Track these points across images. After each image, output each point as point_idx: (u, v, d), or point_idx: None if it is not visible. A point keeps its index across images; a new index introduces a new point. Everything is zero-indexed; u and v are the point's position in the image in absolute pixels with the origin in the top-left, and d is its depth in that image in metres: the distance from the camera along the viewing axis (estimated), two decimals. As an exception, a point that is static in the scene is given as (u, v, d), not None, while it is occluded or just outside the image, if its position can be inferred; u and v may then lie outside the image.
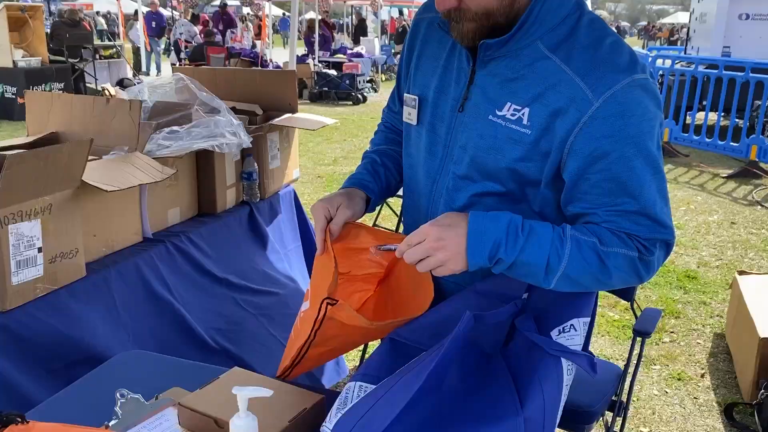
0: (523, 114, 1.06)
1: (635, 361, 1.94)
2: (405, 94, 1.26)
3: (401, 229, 1.51)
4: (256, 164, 2.62)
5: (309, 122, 2.82)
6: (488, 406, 0.97)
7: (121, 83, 10.02)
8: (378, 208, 1.41)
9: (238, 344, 2.11)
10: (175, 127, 2.24)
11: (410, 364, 1.02)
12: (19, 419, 1.09)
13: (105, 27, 23.84)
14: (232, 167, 2.53)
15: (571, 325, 1.03)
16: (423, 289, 1.20)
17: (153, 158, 2.07)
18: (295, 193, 2.98)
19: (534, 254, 1.02)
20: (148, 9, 12.39)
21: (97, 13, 26.15)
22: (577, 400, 1.77)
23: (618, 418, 1.91)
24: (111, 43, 11.59)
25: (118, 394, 1.15)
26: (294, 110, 2.85)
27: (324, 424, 1.00)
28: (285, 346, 1.31)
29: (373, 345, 1.77)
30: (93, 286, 1.83)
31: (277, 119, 2.73)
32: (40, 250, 1.66)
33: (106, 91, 9.20)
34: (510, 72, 1.08)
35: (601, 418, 1.93)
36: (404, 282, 1.25)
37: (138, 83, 10.97)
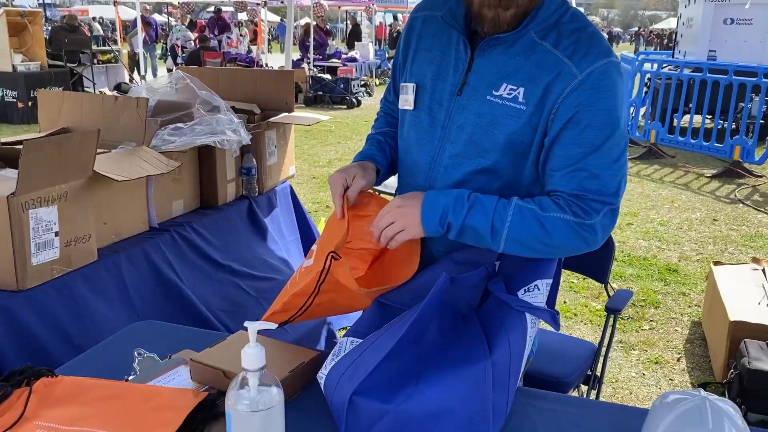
0: (518, 92, 1.22)
1: (609, 337, 2.08)
2: (401, 84, 1.41)
3: None
4: (254, 160, 2.77)
5: (304, 119, 2.97)
6: (461, 353, 1.11)
7: (119, 87, 10.14)
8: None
9: (240, 324, 2.24)
10: (179, 124, 2.39)
11: (394, 320, 1.17)
12: (49, 373, 1.24)
13: (101, 32, 23.96)
14: (232, 163, 2.68)
15: (536, 285, 1.18)
16: (409, 263, 1.34)
17: (159, 152, 2.22)
18: (292, 188, 3.12)
19: (478, 219, 1.19)
20: (140, 14, 12.52)
21: (93, 18, 26.27)
22: (554, 372, 1.93)
23: (593, 391, 2.07)
24: (108, 48, 11.72)
25: (135, 353, 1.30)
26: (291, 109, 2.99)
27: (320, 371, 1.15)
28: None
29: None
30: (104, 269, 1.98)
31: (274, 117, 2.88)
32: (56, 234, 1.80)
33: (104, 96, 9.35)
34: (506, 58, 1.24)
35: (576, 391, 2.08)
36: (394, 257, 1.39)
37: (135, 87, 11.02)
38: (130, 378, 1.26)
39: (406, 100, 1.36)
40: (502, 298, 1.18)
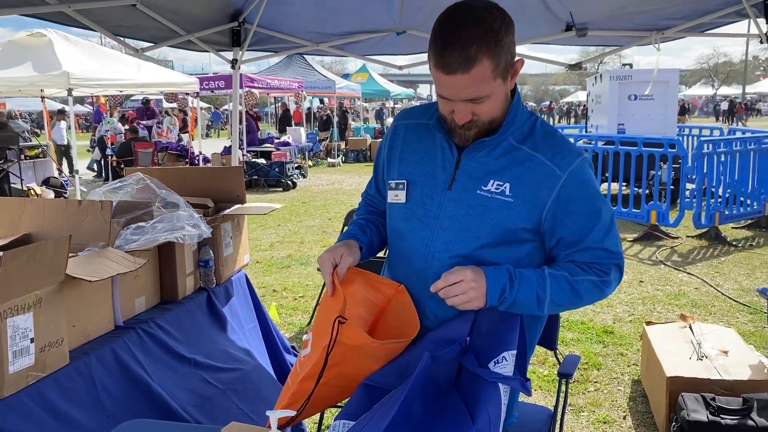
0: (505, 187, 1.45)
1: (563, 401, 2.24)
2: (389, 181, 1.59)
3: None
4: (211, 252, 2.86)
5: (259, 209, 3.11)
6: (448, 424, 1.24)
7: (47, 182, 9.97)
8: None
9: (211, 418, 2.28)
10: (141, 223, 2.47)
11: (384, 399, 1.28)
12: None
13: (21, 126, 23.44)
14: (191, 256, 2.75)
15: (503, 357, 1.34)
16: (412, 320, 1.48)
17: (124, 252, 2.28)
18: (246, 276, 3.20)
19: (525, 293, 1.42)
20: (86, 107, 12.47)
21: (10, 113, 25.72)
22: (517, 438, 2.05)
23: (553, 454, 2.20)
24: (37, 143, 11.54)
25: (135, 452, 1.35)
26: (242, 201, 3.12)
27: (318, 454, 1.24)
28: (251, 418, 1.52)
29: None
30: (75, 372, 1.99)
31: (229, 210, 2.99)
32: (32, 340, 1.83)
33: (32, 191, 9.15)
34: (490, 159, 1.47)
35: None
36: (395, 318, 1.51)
37: (65, 181, 10.77)
38: (132, 477, 1.31)
39: (397, 195, 1.56)
40: (477, 372, 1.32)
